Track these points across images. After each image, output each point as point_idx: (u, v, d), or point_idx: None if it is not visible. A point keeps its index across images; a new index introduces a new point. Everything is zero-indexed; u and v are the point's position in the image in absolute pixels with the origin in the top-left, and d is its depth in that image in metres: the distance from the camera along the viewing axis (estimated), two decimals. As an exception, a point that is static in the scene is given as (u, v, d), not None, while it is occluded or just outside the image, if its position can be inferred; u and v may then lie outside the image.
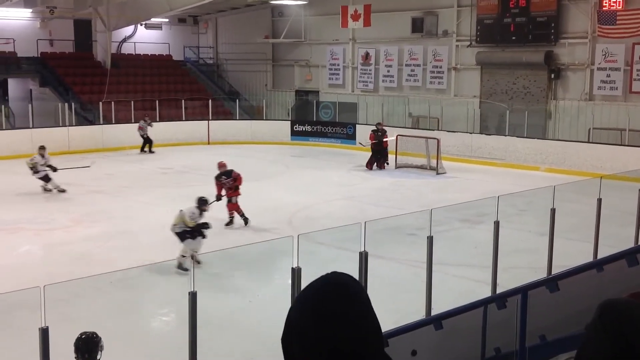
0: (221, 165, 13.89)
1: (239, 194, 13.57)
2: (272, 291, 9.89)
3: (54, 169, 17.00)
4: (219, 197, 13.43)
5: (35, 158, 17.09)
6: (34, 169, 17.02)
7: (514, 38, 23.93)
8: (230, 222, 13.59)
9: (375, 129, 21.66)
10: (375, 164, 21.34)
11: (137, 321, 9.20)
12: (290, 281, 6.75)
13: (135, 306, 9.65)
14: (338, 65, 30.00)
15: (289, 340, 1.47)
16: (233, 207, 13.54)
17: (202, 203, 10.94)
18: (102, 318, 8.07)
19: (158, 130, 24.94)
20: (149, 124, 24.23)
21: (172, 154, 23.96)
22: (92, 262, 11.15)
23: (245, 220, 13.65)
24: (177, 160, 22.65)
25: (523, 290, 5.93)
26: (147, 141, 24.21)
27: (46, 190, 17.12)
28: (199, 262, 10.27)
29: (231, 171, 13.60)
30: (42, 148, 17.27)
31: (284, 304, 6.58)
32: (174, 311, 9.17)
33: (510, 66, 24.44)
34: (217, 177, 13.64)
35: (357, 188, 18.38)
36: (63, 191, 17.03)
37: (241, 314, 9.29)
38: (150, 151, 24.19)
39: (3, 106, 24.97)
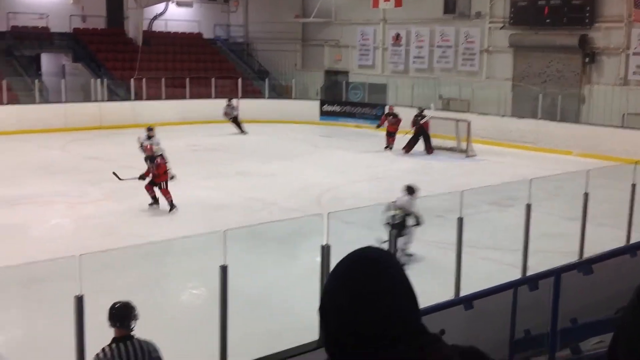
0: (146, 149, 13.89)
1: (167, 179, 13.32)
2: (301, 269, 9.92)
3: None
4: (142, 177, 13.43)
5: (140, 137, 16.38)
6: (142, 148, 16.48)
7: (548, 21, 23.53)
8: (172, 207, 13.21)
9: (417, 113, 21.30)
10: (425, 149, 20.86)
11: (167, 294, 9.31)
12: (319, 259, 6.76)
13: (165, 279, 9.76)
14: (368, 45, 29.80)
15: (324, 314, 1.46)
16: (165, 192, 13.25)
17: (413, 190, 10.47)
18: (133, 289, 8.16)
19: (188, 107, 25.03)
20: (232, 107, 24.65)
21: (201, 132, 24.10)
22: (123, 235, 11.30)
23: (156, 202, 13.41)
24: (206, 138, 22.78)
25: (556, 273, 5.87)
26: (237, 122, 24.56)
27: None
28: (410, 255, 10.08)
29: (155, 157, 13.41)
30: (149, 129, 16.27)
31: (313, 281, 6.57)
32: (204, 285, 9.26)
33: (543, 49, 24.06)
34: (145, 160, 13.67)
35: (386, 169, 18.31)
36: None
37: (270, 291, 9.34)
38: (242, 131, 24.45)
39: (37, 81, 25.26)
